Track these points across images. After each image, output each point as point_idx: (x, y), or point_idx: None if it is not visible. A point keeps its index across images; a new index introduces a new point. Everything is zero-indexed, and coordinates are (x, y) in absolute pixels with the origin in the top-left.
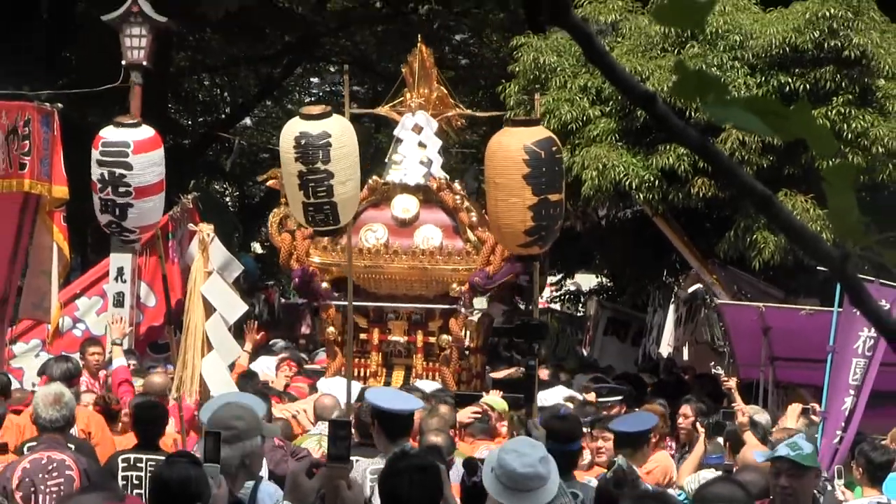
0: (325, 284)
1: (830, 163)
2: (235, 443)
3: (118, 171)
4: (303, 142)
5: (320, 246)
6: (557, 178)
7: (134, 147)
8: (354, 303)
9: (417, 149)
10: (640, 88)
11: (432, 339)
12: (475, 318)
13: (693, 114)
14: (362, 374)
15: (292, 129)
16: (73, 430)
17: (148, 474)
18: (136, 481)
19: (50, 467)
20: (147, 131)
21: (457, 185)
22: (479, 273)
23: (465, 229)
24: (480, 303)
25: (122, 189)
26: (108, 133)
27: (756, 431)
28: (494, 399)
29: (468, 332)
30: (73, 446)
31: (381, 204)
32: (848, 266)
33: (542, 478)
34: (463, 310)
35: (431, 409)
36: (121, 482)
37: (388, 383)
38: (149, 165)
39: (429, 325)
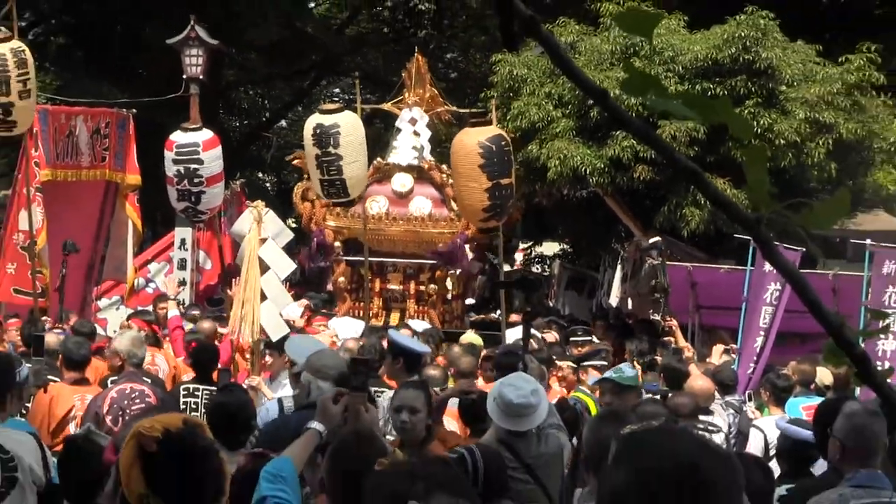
0: (337, 244)
1: (744, 151)
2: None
3: (192, 165)
4: (318, 130)
5: (334, 213)
6: (507, 166)
7: (203, 146)
8: (360, 258)
9: (412, 137)
10: (595, 86)
11: (423, 288)
12: (457, 271)
13: (634, 113)
14: (366, 314)
15: (312, 121)
16: None
17: (204, 401)
18: (193, 406)
19: (133, 395)
20: (208, 133)
21: (444, 167)
22: (460, 235)
23: (450, 201)
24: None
25: (196, 180)
26: (178, 136)
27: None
28: (472, 336)
29: (451, 283)
30: (148, 379)
31: (383, 180)
32: (761, 227)
33: (533, 406)
34: (450, 261)
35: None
36: (182, 407)
37: (386, 322)
38: (214, 159)
39: (420, 276)
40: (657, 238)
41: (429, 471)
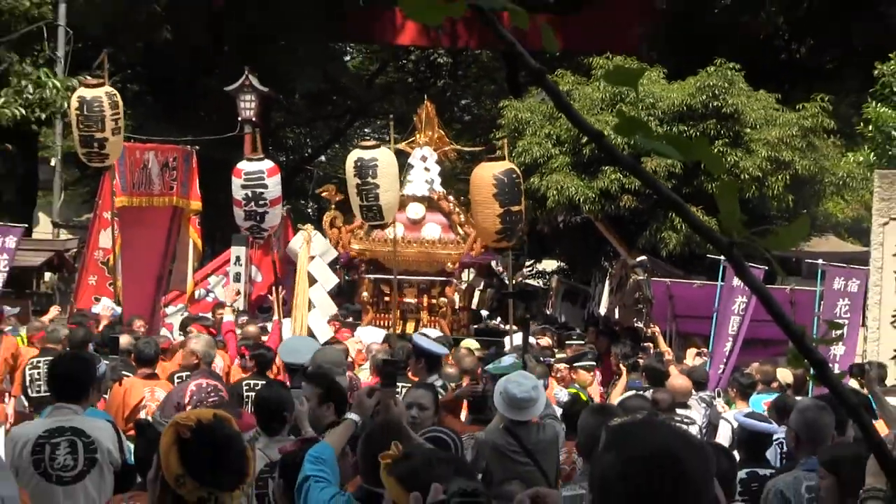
0: (361, 264)
1: (717, 185)
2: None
3: (258, 189)
4: (359, 163)
5: (357, 237)
6: (517, 195)
7: (267, 173)
8: (379, 275)
9: (424, 171)
10: (592, 128)
11: (434, 301)
12: (463, 286)
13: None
14: (386, 324)
15: (353, 155)
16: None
17: None
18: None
19: (209, 389)
20: (270, 163)
21: (451, 197)
22: (465, 256)
23: (457, 227)
24: (466, 276)
25: (261, 202)
26: (245, 165)
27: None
28: (470, 342)
29: (458, 297)
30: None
31: (400, 209)
32: (734, 250)
33: (533, 399)
34: (455, 281)
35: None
36: (245, 400)
37: (404, 331)
38: (275, 184)
39: (431, 291)
40: (643, 257)
41: (446, 457)
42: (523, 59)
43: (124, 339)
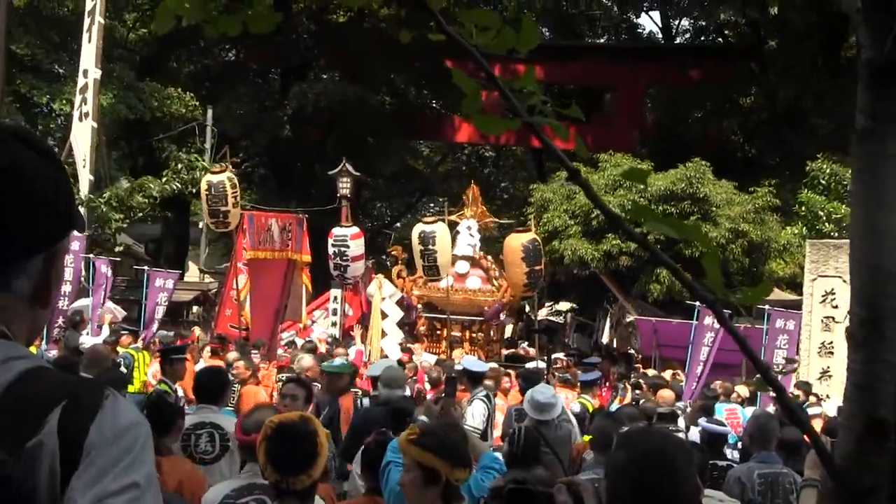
0: (419, 306)
1: (704, 256)
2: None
3: (343, 248)
4: (422, 234)
5: (418, 285)
6: (539, 257)
7: (350, 237)
8: (433, 314)
9: (469, 237)
10: (613, 213)
11: (474, 335)
12: (496, 325)
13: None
14: (436, 352)
15: (417, 228)
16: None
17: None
18: None
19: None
20: (355, 229)
21: (489, 258)
22: (498, 302)
23: (493, 280)
24: (502, 317)
25: (344, 258)
26: (336, 231)
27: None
28: (492, 364)
29: (493, 332)
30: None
31: (451, 265)
32: (717, 304)
33: (552, 404)
34: (491, 321)
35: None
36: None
37: (450, 356)
38: (357, 245)
39: (472, 328)
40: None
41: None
42: (563, 163)
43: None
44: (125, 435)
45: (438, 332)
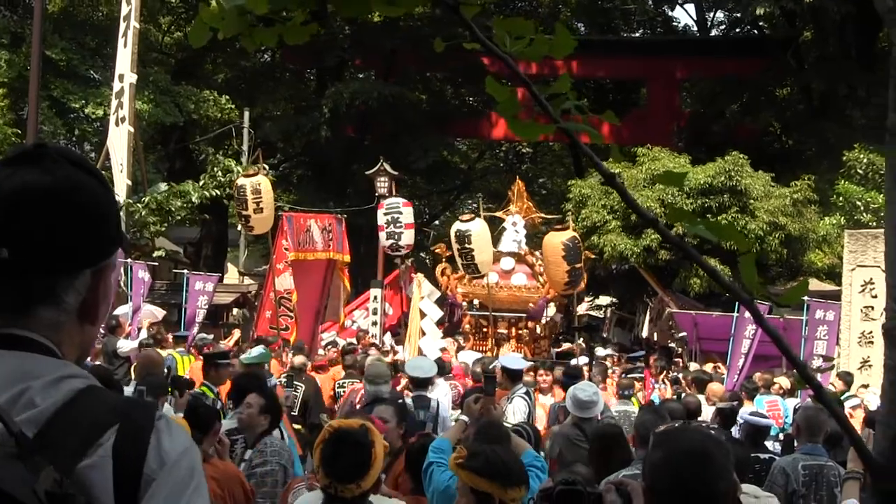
0: (464, 303)
1: (741, 256)
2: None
3: (395, 216)
4: (458, 233)
5: (462, 283)
6: (579, 255)
7: (402, 204)
8: (479, 312)
9: (514, 233)
10: (648, 214)
11: (521, 332)
12: (543, 321)
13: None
14: (482, 349)
15: (455, 227)
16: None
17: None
18: None
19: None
20: (403, 199)
21: (536, 253)
22: (543, 298)
23: (538, 276)
24: (550, 313)
25: (398, 225)
26: (388, 201)
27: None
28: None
29: (539, 328)
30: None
31: (495, 262)
32: (753, 303)
33: (595, 402)
34: (537, 316)
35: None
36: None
37: (497, 354)
38: (409, 213)
39: (518, 324)
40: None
41: (502, 451)
42: (598, 168)
43: (298, 360)
44: (182, 461)
45: (484, 329)
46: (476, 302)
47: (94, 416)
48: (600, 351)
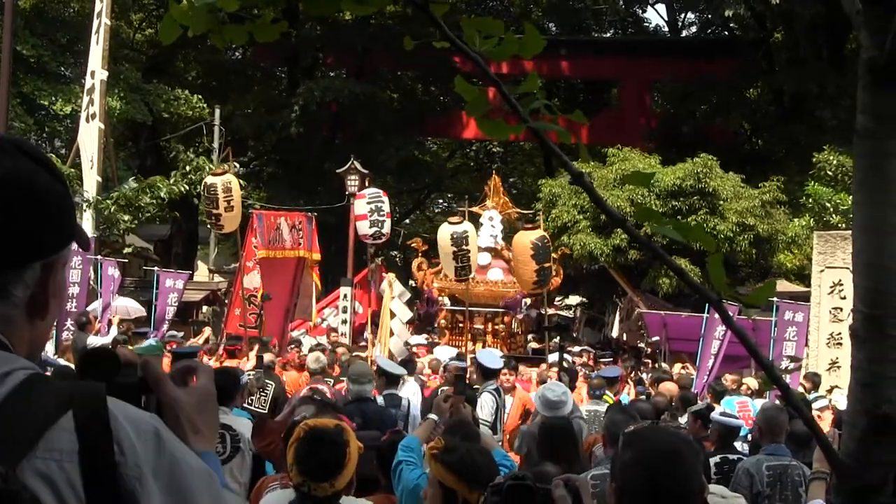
0: (441, 298)
1: (709, 256)
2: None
3: (379, 204)
4: (454, 235)
5: (438, 278)
6: (548, 254)
7: (382, 193)
8: (455, 307)
9: (491, 228)
10: (618, 214)
11: (497, 327)
12: (520, 317)
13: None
14: (458, 345)
15: (447, 228)
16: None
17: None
18: None
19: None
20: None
21: (511, 249)
22: (519, 293)
23: (514, 271)
24: (524, 310)
25: (381, 213)
26: (368, 191)
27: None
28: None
29: (515, 324)
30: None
31: None
32: (721, 303)
33: (564, 402)
34: (512, 312)
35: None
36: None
37: (473, 350)
38: (387, 202)
39: (495, 320)
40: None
41: (479, 448)
42: (567, 167)
43: (268, 357)
44: (147, 428)
45: (461, 324)
46: (446, 298)
47: (41, 405)
48: (575, 349)
